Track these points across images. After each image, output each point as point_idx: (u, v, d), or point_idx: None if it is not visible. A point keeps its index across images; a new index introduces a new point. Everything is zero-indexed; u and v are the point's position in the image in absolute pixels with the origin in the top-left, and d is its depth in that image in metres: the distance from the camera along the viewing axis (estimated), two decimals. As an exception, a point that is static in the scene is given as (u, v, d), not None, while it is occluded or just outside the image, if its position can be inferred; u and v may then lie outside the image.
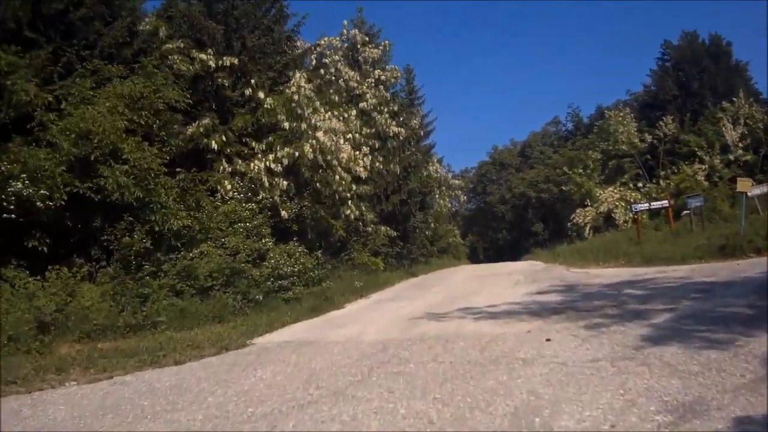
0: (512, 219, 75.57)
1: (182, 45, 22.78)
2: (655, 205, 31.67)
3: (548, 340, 9.56)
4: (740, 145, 41.70)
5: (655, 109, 54.12)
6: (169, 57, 22.00)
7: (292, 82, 24.05)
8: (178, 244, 18.33)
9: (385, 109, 32.17)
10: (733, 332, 8.65)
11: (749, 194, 24.35)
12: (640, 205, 32.46)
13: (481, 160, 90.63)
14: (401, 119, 37.04)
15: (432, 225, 45.74)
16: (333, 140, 23.36)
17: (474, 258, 71.42)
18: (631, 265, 22.86)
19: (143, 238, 16.71)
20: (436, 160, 50.01)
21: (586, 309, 12.48)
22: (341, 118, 25.61)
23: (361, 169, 25.98)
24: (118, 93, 18.02)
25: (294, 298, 19.62)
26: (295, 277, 20.44)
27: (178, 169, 19.76)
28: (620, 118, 48.79)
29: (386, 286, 26.15)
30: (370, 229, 30.54)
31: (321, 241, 25.38)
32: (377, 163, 30.62)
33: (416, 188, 37.46)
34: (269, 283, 19.30)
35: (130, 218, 16.74)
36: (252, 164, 22.33)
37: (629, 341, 8.85)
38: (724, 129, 42.43)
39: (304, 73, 24.72)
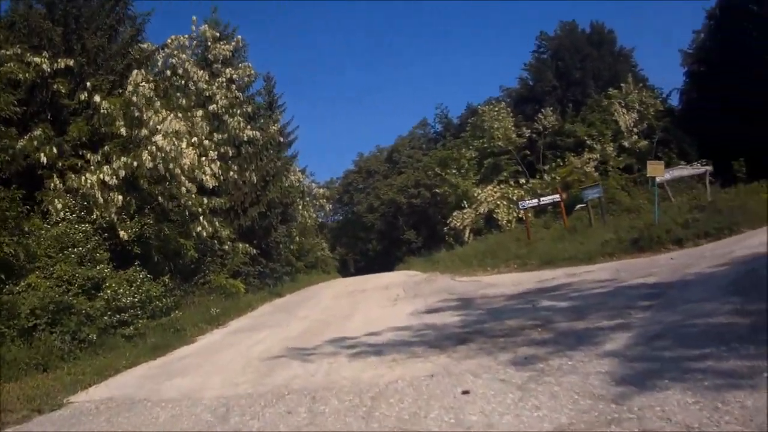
0: (382, 228, 74.80)
1: (19, 51, 20.73)
2: (545, 200, 30.91)
3: (465, 392, 7.23)
4: (635, 130, 41.43)
5: (532, 102, 54.63)
6: (4, 64, 20.02)
7: (129, 80, 21.89)
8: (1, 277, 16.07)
9: (238, 111, 29.94)
10: (746, 355, 6.48)
11: (659, 180, 23.58)
12: (527, 201, 31.58)
13: (347, 169, 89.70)
14: (258, 124, 35.07)
15: (297, 239, 43.80)
16: (174, 144, 21.08)
17: (345, 271, 70.07)
18: (527, 269, 21.74)
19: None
20: (298, 170, 48.24)
21: (501, 333, 10.53)
22: (185, 120, 23.35)
23: (208, 178, 23.67)
24: None
25: (137, 334, 17.51)
26: (137, 309, 18.28)
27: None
28: (495, 113, 48.41)
29: (247, 310, 24.39)
30: (226, 247, 28.40)
31: (169, 264, 23.13)
32: (231, 173, 28.56)
33: (276, 199, 35.32)
34: (106, 317, 17.09)
35: None
36: (83, 178, 19.93)
37: (595, 386, 6.58)
38: (616, 114, 42.05)
39: (142, 71, 22.45)
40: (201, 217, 25.06)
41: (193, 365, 13.11)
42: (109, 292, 17.69)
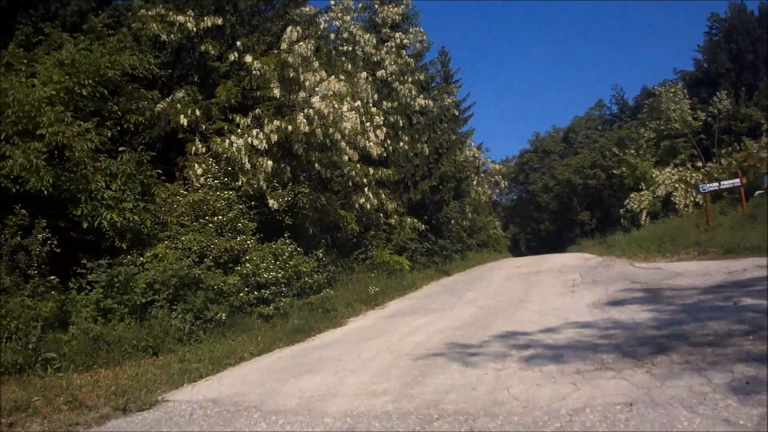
0: (556, 208, 70.67)
1: (162, 11, 18.56)
2: (726, 184, 26.63)
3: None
4: None
5: (706, 85, 51.24)
6: (147, 26, 17.99)
7: (282, 38, 19.01)
8: (123, 246, 13.65)
9: (409, 79, 26.61)
10: None
11: None
12: (708, 185, 27.33)
13: (522, 148, 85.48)
14: (432, 95, 31.73)
15: (469, 215, 40.21)
16: (334, 107, 17.97)
17: (516, 251, 67.10)
18: (708, 257, 18.80)
19: (48, 237, 11.68)
20: (473, 145, 44.77)
21: (706, 340, 8.07)
22: (348, 82, 20.17)
23: (373, 146, 20.45)
24: (55, 60, 14.15)
25: (278, 314, 14.70)
26: (282, 285, 15.46)
27: (121, 149, 14.75)
28: (672, 95, 44.29)
29: (410, 290, 21.61)
30: (393, 221, 25.27)
31: (326, 237, 20.23)
32: (402, 144, 25.36)
33: (449, 173, 31.83)
34: (242, 294, 14.26)
35: (23, 211, 11.85)
36: (228, 141, 17.16)
37: None
38: None
39: (297, 29, 19.42)
40: (366, 189, 22.00)
41: (332, 358, 10.23)
42: (248, 266, 14.86)
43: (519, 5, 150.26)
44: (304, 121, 17.68)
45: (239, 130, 17.72)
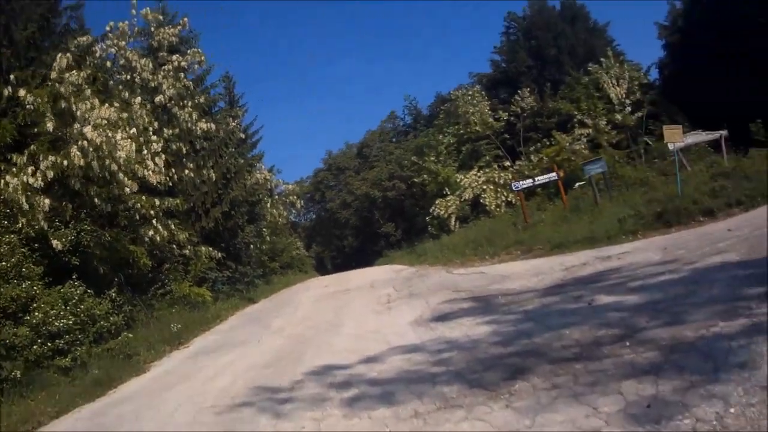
0: (357, 223, 71.96)
1: None
2: (541, 179, 28.02)
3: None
4: (627, 102, 37.65)
5: (506, 85, 51.82)
6: None
7: (53, 66, 18.49)
8: None
9: (189, 103, 26.43)
10: None
11: (674, 146, 20.79)
12: (521, 182, 28.27)
13: (316, 167, 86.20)
14: (215, 118, 31.63)
15: (267, 238, 40.30)
16: (107, 136, 17.66)
17: (322, 269, 68.03)
18: (534, 255, 18.96)
19: None
20: (264, 168, 44.99)
21: (570, 354, 7.25)
22: (122, 110, 19.84)
23: (152, 174, 20.14)
24: None
25: (76, 365, 14.31)
26: (76, 332, 15.02)
27: None
28: (469, 98, 45.57)
29: (215, 322, 21.48)
30: (187, 252, 25.00)
31: (118, 275, 19.75)
32: (187, 171, 25.24)
33: (240, 197, 31.91)
34: (35, 347, 13.78)
35: None
36: (2, 182, 16.52)
37: None
38: (606, 87, 38.18)
39: (67, 55, 18.98)
40: (154, 220, 21.62)
41: (130, 416, 9.97)
42: (38, 314, 14.37)
43: (301, 23, 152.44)
44: (78, 153, 17.20)
45: (13, 169, 17.03)
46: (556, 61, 50.83)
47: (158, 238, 21.63)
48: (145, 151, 20.10)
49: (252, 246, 35.46)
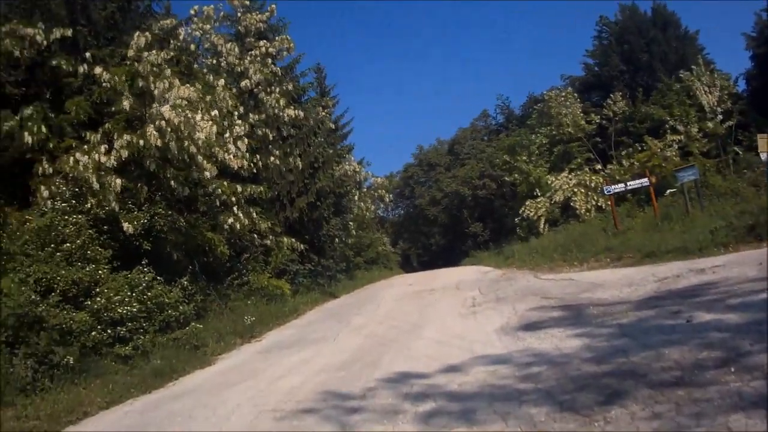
0: (446, 221, 70.96)
1: (14, 26, 16.93)
2: (632, 184, 26.07)
3: None
4: (719, 110, 35.85)
5: (598, 89, 50.69)
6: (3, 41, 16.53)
7: (131, 45, 17.81)
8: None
9: (277, 89, 25.59)
10: None
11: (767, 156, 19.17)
12: (613, 187, 26.58)
13: (406, 162, 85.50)
14: (304, 106, 30.86)
15: (353, 232, 39.41)
16: (186, 117, 16.84)
17: (407, 266, 67.11)
18: (625, 263, 17.64)
19: None
20: (353, 160, 44.20)
21: (670, 378, 6.27)
22: (202, 89, 18.99)
23: (231, 158, 19.30)
24: None
25: (137, 353, 13.50)
26: (141, 320, 14.21)
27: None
28: (562, 98, 44.24)
29: (292, 317, 20.66)
30: (269, 242, 24.15)
31: (194, 262, 18.97)
32: (272, 158, 24.38)
33: (327, 188, 30.97)
34: (94, 333, 12.98)
35: None
36: (72, 159, 15.82)
37: None
38: (698, 93, 36.55)
39: (146, 34, 18.32)
40: (235, 207, 20.80)
41: (183, 414, 9.04)
42: (100, 299, 13.59)
43: (398, 20, 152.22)
44: (155, 133, 16.39)
45: (85, 147, 16.35)
46: (649, 67, 49.57)
47: (238, 226, 20.80)
48: (228, 135, 19.31)
49: (337, 239, 34.59)
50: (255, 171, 22.66)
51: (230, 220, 20.34)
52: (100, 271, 14.38)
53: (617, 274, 15.62)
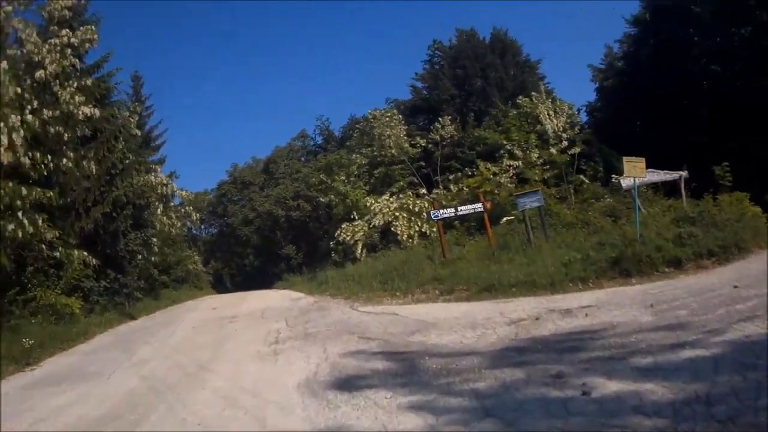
0: (258, 242, 70.18)
1: None
2: (464, 209, 24.54)
3: None
4: (564, 136, 35.77)
5: (426, 113, 51.15)
6: None
7: None
8: None
9: (75, 84, 22.96)
10: None
11: (632, 182, 18.75)
12: (441, 211, 24.74)
13: (220, 180, 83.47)
14: (108, 106, 28.42)
15: (156, 248, 36.32)
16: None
17: (220, 287, 66.95)
18: (458, 297, 16.22)
19: None
20: (161, 174, 41.77)
21: None
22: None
23: (2, 151, 16.61)
24: None
25: None
26: None
27: None
28: (387, 119, 43.65)
29: (80, 340, 18.30)
30: (58, 254, 21.59)
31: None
32: (65, 160, 21.77)
33: (124, 197, 28.47)
34: None
35: None
36: None
37: None
38: (543, 118, 36.42)
39: None
40: (19, 213, 18.28)
41: None
42: None
43: (215, 27, 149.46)
44: None
45: None
46: (483, 92, 50.02)
47: (20, 234, 18.20)
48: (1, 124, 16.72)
49: (140, 256, 31.98)
50: (46, 174, 20.30)
51: (10, 227, 17.76)
52: None
53: (452, 310, 14.09)
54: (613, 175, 23.94)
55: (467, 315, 12.77)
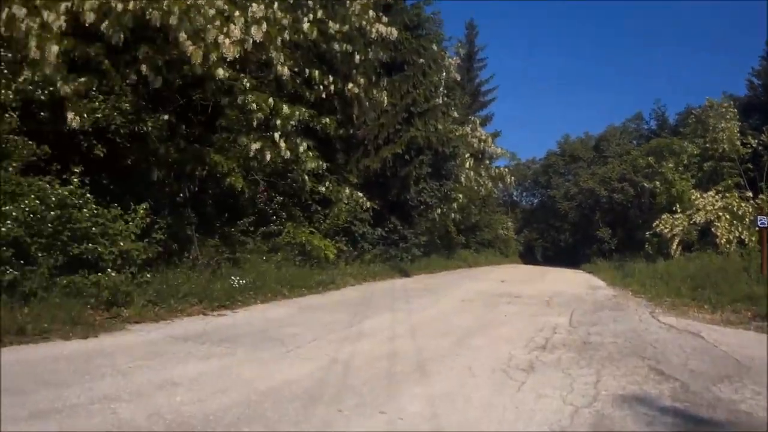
0: (576, 219, 66.72)
1: None
2: None
3: None
4: None
5: (759, 111, 45.51)
6: None
7: None
8: None
9: (369, -5, 19.65)
10: None
11: None
12: None
13: (549, 149, 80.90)
14: (415, 32, 25.87)
15: (455, 206, 32.98)
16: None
17: (529, 257, 65.41)
18: None
19: None
20: (479, 125, 38.72)
21: None
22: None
23: (227, 43, 12.90)
24: None
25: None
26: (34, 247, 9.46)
27: None
28: (723, 110, 38.78)
29: (319, 289, 16.07)
30: (324, 190, 18.75)
31: (183, 189, 13.87)
32: (351, 85, 18.51)
33: (421, 140, 25.05)
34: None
35: None
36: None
37: None
38: None
39: None
40: (276, 132, 15.23)
41: None
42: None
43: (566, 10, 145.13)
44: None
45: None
46: None
47: (269, 156, 14.98)
48: (237, 13, 13.27)
49: (438, 209, 29.31)
50: (325, 96, 17.50)
51: (255, 146, 14.68)
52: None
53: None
54: None
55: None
